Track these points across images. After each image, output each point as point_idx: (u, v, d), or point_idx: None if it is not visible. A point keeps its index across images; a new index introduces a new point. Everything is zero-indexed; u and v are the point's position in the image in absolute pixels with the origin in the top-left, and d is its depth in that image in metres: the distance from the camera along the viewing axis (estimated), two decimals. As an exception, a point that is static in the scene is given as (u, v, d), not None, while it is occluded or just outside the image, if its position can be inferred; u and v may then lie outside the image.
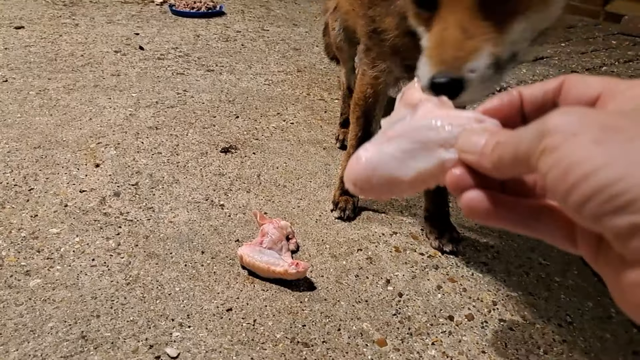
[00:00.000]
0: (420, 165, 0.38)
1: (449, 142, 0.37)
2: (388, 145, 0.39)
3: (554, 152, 0.27)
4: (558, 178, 0.27)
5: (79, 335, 0.95)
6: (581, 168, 0.26)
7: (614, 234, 0.25)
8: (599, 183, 0.25)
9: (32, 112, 1.82)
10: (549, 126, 0.28)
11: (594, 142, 0.26)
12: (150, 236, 1.24)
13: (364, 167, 0.39)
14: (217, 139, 1.74)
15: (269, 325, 1.01)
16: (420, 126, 0.39)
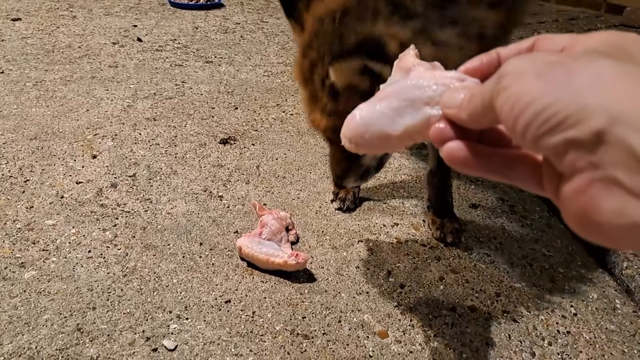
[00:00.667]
0: (408, 121, 0.41)
1: (434, 99, 0.40)
2: (380, 104, 0.42)
3: (505, 90, 0.31)
4: (507, 112, 0.30)
5: (75, 328, 0.93)
6: (524, 98, 0.29)
7: (552, 153, 0.29)
8: (537, 109, 0.28)
9: (28, 103, 1.80)
10: (504, 70, 0.32)
11: (537, 76, 0.29)
12: (148, 227, 1.22)
13: (358, 123, 0.43)
14: (215, 130, 1.72)
15: (268, 317, 0.99)
16: (408, 86, 0.42)
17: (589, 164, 0.27)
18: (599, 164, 0.27)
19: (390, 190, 1.45)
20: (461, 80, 0.40)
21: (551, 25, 3.39)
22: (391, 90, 0.43)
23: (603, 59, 0.29)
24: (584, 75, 0.28)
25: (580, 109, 0.27)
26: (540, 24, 3.41)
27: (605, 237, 0.28)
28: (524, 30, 3.23)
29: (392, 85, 0.44)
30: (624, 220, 0.26)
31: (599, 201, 0.27)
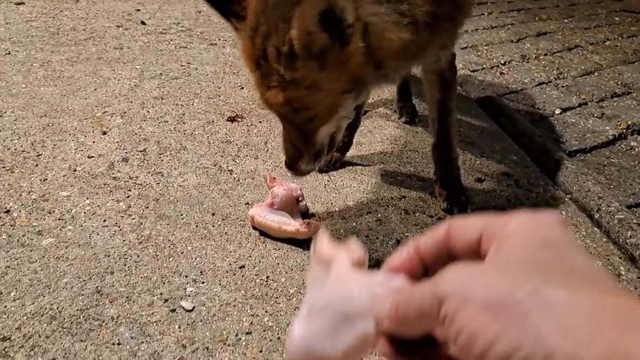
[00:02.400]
0: (346, 341, 0.39)
1: (365, 312, 0.38)
2: (314, 324, 0.40)
3: (454, 320, 0.29)
4: (465, 348, 0.29)
5: (94, 290, 0.95)
6: (481, 340, 0.27)
7: None
8: (499, 355, 0.27)
9: (36, 82, 1.81)
10: (443, 291, 0.30)
11: (484, 309, 0.28)
12: (160, 199, 1.24)
13: (298, 348, 0.41)
14: (222, 108, 1.74)
15: (282, 282, 1.01)
16: (336, 297, 0.40)
17: None
18: None
19: (398, 165, 1.48)
20: (384, 283, 0.38)
21: (552, 10, 3.41)
22: (320, 305, 0.41)
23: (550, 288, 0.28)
24: (537, 312, 0.27)
25: (547, 356, 0.25)
26: (541, 9, 3.43)
27: None
28: (526, 15, 3.25)
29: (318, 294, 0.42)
30: None
31: None
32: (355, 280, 0.40)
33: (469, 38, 2.74)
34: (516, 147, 1.64)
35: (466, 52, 2.52)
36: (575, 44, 2.68)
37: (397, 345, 0.37)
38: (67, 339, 0.86)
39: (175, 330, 0.89)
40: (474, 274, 0.31)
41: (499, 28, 2.94)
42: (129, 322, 0.90)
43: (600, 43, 2.70)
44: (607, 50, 2.58)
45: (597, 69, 2.32)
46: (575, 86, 2.11)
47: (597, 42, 2.71)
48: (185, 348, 0.85)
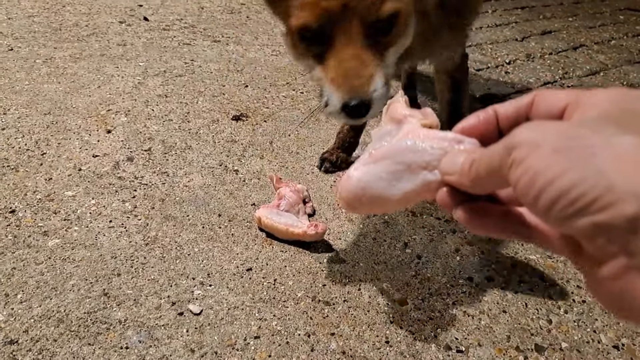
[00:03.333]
0: (406, 186, 0.40)
1: (432, 164, 0.39)
2: (375, 167, 0.41)
3: (521, 164, 0.29)
4: (526, 187, 0.29)
5: (101, 293, 0.95)
6: (544, 176, 0.28)
7: (580, 235, 0.27)
8: (560, 188, 0.27)
9: (39, 79, 1.80)
10: (515, 141, 0.31)
11: (554, 151, 0.28)
12: (166, 199, 1.23)
13: (355, 186, 0.42)
14: (227, 107, 1.73)
15: (290, 285, 1.01)
16: (404, 148, 0.41)
17: (622, 250, 0.26)
18: (634, 251, 0.25)
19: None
20: (458, 141, 0.39)
21: (556, 8, 3.39)
22: (386, 152, 0.41)
23: (623, 135, 0.28)
24: (605, 152, 0.27)
25: (608, 190, 0.26)
26: (545, 7, 3.41)
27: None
28: (530, 13, 3.24)
29: (385, 142, 0.43)
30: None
31: (638, 288, 0.26)
32: (425, 135, 0.41)
33: (473, 36, 2.73)
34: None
35: (471, 51, 2.50)
36: (580, 42, 2.67)
37: (458, 198, 0.38)
38: (74, 342, 0.85)
39: (183, 334, 0.88)
40: (549, 126, 0.31)
41: (504, 26, 2.93)
42: (137, 326, 0.89)
43: (605, 42, 2.68)
44: (613, 50, 2.57)
45: (602, 68, 2.31)
46: (581, 86, 2.10)
47: (602, 42, 2.69)
48: (193, 352, 0.85)
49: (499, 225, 0.37)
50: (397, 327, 0.93)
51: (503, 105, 0.39)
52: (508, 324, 0.95)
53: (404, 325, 0.93)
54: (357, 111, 0.80)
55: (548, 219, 0.29)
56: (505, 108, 0.39)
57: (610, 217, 0.25)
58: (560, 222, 0.28)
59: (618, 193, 0.25)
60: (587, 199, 0.26)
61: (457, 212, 0.38)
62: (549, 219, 0.29)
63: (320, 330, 0.91)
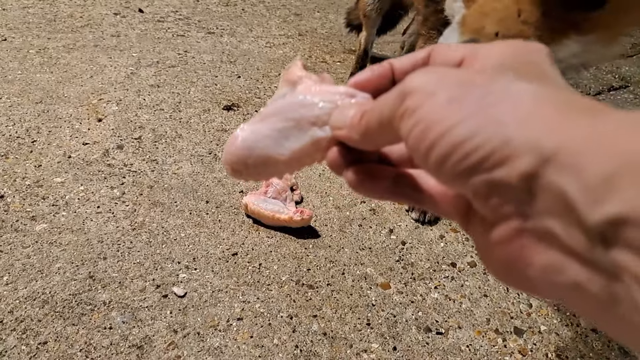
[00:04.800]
0: (295, 144, 0.37)
1: (322, 119, 0.36)
2: (262, 125, 0.38)
3: (413, 114, 0.26)
4: (417, 139, 0.26)
5: (87, 275, 0.96)
6: (437, 127, 0.25)
7: (474, 194, 0.25)
8: (453, 141, 0.24)
9: (32, 69, 1.80)
10: (408, 87, 0.27)
11: (450, 100, 0.25)
12: (155, 186, 1.24)
13: (240, 147, 0.38)
14: (219, 97, 1.74)
15: (274, 269, 1.02)
16: (293, 103, 0.38)
17: (517, 212, 0.23)
18: (528, 212, 0.23)
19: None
20: (351, 95, 0.36)
21: None
22: (275, 109, 0.38)
23: (521, 82, 0.25)
24: (503, 101, 0.24)
25: (504, 143, 0.23)
26: None
27: (535, 291, 0.25)
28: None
29: (275, 102, 0.40)
30: (560, 279, 0.22)
31: (529, 254, 0.24)
32: (317, 91, 0.38)
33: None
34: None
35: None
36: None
37: (348, 157, 0.35)
38: (59, 322, 0.86)
39: (166, 315, 0.89)
40: (445, 72, 0.28)
41: (498, 20, 2.94)
42: (121, 307, 0.90)
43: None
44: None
45: (595, 62, 2.31)
46: (572, 79, 2.11)
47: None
48: (176, 333, 0.86)
49: (390, 188, 0.35)
50: (379, 309, 0.94)
51: (399, 60, 0.36)
52: (488, 307, 0.96)
53: (385, 308, 0.94)
54: None
55: (440, 177, 0.26)
56: (401, 62, 0.36)
57: (505, 174, 0.23)
58: (452, 180, 0.25)
59: (514, 146, 0.23)
60: (482, 153, 0.23)
61: (347, 174, 0.35)
62: (441, 176, 0.26)
63: (302, 313, 0.92)
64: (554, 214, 0.22)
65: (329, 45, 2.36)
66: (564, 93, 0.25)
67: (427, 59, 0.35)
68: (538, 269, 0.23)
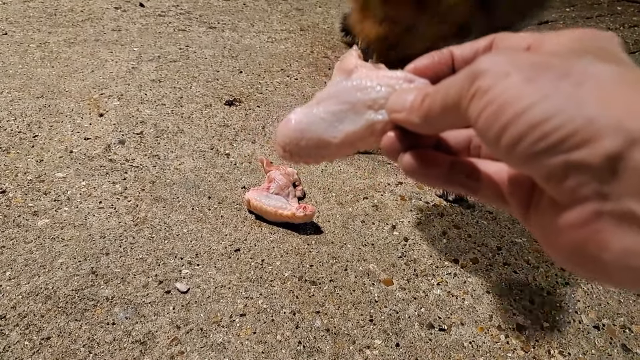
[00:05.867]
0: (349, 127, 0.36)
1: (378, 102, 0.35)
2: (317, 108, 0.38)
3: (485, 94, 0.25)
4: (489, 120, 0.25)
5: (89, 271, 0.96)
6: (513, 107, 0.24)
7: (547, 176, 0.24)
8: (531, 120, 0.23)
9: (33, 63, 1.80)
10: (479, 68, 0.26)
11: (526, 80, 0.24)
12: (157, 182, 1.24)
13: (293, 129, 0.38)
14: (220, 92, 1.73)
15: (277, 265, 1.02)
16: (349, 87, 0.37)
17: (596, 193, 0.23)
18: (610, 194, 0.22)
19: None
20: (409, 80, 0.35)
21: (554, -2, 3.38)
22: (331, 92, 0.38)
23: (600, 63, 0.25)
24: (584, 82, 0.24)
25: (587, 124, 0.22)
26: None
27: (606, 277, 0.24)
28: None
29: (331, 86, 0.39)
30: (637, 262, 0.22)
31: (607, 238, 0.23)
32: (374, 76, 0.37)
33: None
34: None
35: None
36: (576, 32, 2.66)
37: (405, 142, 0.34)
38: (61, 318, 0.86)
39: (169, 311, 0.89)
40: (519, 54, 0.27)
41: (500, 15, 2.93)
42: (124, 303, 0.90)
43: (601, 32, 2.68)
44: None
45: (597, 58, 2.30)
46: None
47: (598, 31, 2.69)
48: (179, 329, 0.86)
49: (446, 176, 0.34)
50: (382, 306, 0.94)
51: (460, 47, 0.35)
52: (491, 304, 0.96)
53: (388, 305, 0.94)
54: None
55: (511, 159, 0.25)
56: (462, 49, 0.35)
57: (587, 155, 0.22)
58: (525, 161, 0.24)
59: (598, 127, 0.22)
60: (562, 133, 0.23)
61: (404, 158, 0.34)
62: (512, 158, 0.25)
63: (305, 309, 0.92)
64: (638, 194, 0.21)
65: (330, 41, 2.35)
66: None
67: (490, 46, 0.34)
68: (616, 253, 0.23)
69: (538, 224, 0.29)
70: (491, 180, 0.34)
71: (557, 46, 0.29)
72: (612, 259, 0.23)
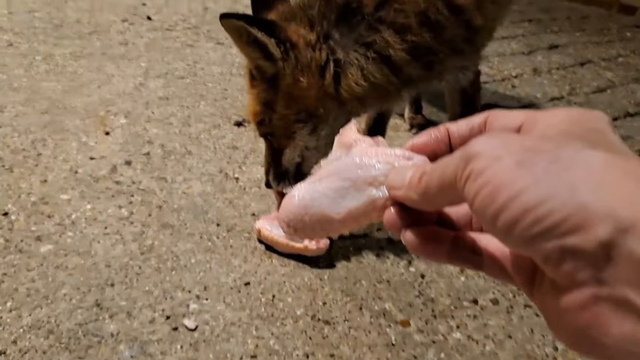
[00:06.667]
0: (351, 203, 0.37)
1: (378, 179, 0.37)
2: (320, 184, 0.39)
3: (480, 176, 0.26)
4: (485, 202, 0.26)
5: (94, 303, 0.91)
6: (507, 190, 0.25)
7: (544, 259, 0.24)
8: (525, 204, 0.24)
9: (38, 77, 1.77)
10: (473, 151, 0.27)
11: (518, 165, 0.25)
12: (164, 206, 1.20)
13: (297, 205, 0.39)
14: (229, 111, 1.70)
15: (289, 302, 0.97)
16: (350, 164, 0.39)
17: (592, 278, 0.23)
18: (605, 280, 0.23)
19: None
20: (407, 158, 0.37)
21: (563, 22, 3.37)
22: (332, 169, 0.39)
23: (591, 150, 0.26)
24: (574, 168, 0.24)
25: (579, 210, 0.23)
26: (553, 20, 3.39)
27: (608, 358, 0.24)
28: (537, 26, 3.22)
29: (333, 162, 0.41)
30: (636, 349, 0.22)
31: (606, 323, 0.23)
32: (373, 153, 0.39)
33: (479, 48, 2.71)
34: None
35: (476, 63, 2.48)
36: (587, 59, 2.65)
37: (406, 217, 0.35)
38: (64, 355, 0.82)
39: (177, 350, 0.85)
40: (510, 137, 0.28)
41: (510, 39, 2.91)
42: (129, 340, 0.86)
43: (612, 59, 2.66)
44: (620, 67, 2.55)
45: (609, 86, 2.28)
46: (588, 103, 2.08)
47: (609, 58, 2.67)
48: (187, 371, 0.82)
49: (449, 252, 0.34)
50: (400, 350, 0.90)
51: (456, 124, 0.36)
52: (513, 350, 0.92)
53: (406, 349, 0.90)
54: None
55: (508, 241, 0.26)
56: (458, 126, 0.36)
57: (581, 241, 0.23)
58: (521, 244, 0.25)
59: (590, 214, 0.23)
60: (556, 218, 0.23)
61: (406, 234, 0.34)
62: (509, 240, 0.26)
63: (319, 351, 0.88)
64: (634, 283, 0.22)
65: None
66: (633, 161, 0.25)
67: (484, 124, 0.35)
68: (616, 339, 0.23)
69: (541, 303, 0.29)
70: (494, 257, 0.34)
71: (548, 128, 0.30)
72: (613, 344, 0.23)
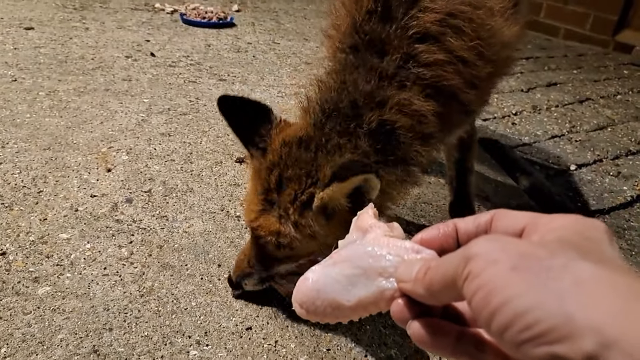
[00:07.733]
0: (361, 292, 0.39)
1: (388, 270, 0.39)
2: (333, 269, 0.41)
3: (476, 278, 0.29)
4: (480, 304, 0.28)
5: (91, 350, 0.89)
6: (500, 295, 0.27)
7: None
8: (515, 311, 0.26)
9: (41, 112, 1.77)
10: (472, 252, 0.30)
11: (512, 269, 0.27)
12: (165, 246, 1.18)
13: (310, 288, 0.41)
14: (231, 148, 1.69)
15: (292, 348, 0.95)
16: (363, 253, 0.41)
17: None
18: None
19: (411, 218, 1.43)
20: (417, 251, 0.39)
21: (561, 60, 3.41)
22: (345, 255, 0.42)
23: (582, 261, 0.27)
24: (563, 278, 0.26)
25: (566, 321, 0.25)
26: (550, 58, 3.43)
27: None
28: (535, 64, 3.26)
29: (347, 248, 0.43)
30: None
31: None
32: (385, 243, 0.41)
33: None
34: (532, 204, 1.60)
35: (477, 100, 2.49)
36: (586, 96, 2.67)
37: (413, 309, 0.36)
38: (58, 405, 0.79)
39: (176, 400, 0.82)
40: (508, 242, 0.30)
41: (509, 76, 2.94)
42: (127, 389, 0.83)
43: (611, 97, 2.68)
44: (619, 105, 2.56)
45: (609, 124, 2.29)
46: (589, 141, 2.08)
47: (607, 96, 2.69)
48: (186, 423, 0.79)
49: (454, 346, 0.35)
50: (406, 400, 0.87)
51: (463, 220, 0.39)
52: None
53: (413, 399, 0.87)
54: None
55: (502, 342, 0.28)
56: (465, 223, 0.39)
57: (568, 350, 0.24)
58: (514, 347, 0.27)
59: (577, 326, 0.24)
60: (544, 327, 0.25)
61: (412, 326, 0.36)
62: (503, 341, 0.27)
63: (323, 401, 0.85)
64: None
65: (341, 97, 2.34)
66: (624, 277, 0.26)
67: (490, 221, 0.37)
68: None
69: None
70: (499, 354, 0.34)
71: (548, 233, 0.32)
72: None
